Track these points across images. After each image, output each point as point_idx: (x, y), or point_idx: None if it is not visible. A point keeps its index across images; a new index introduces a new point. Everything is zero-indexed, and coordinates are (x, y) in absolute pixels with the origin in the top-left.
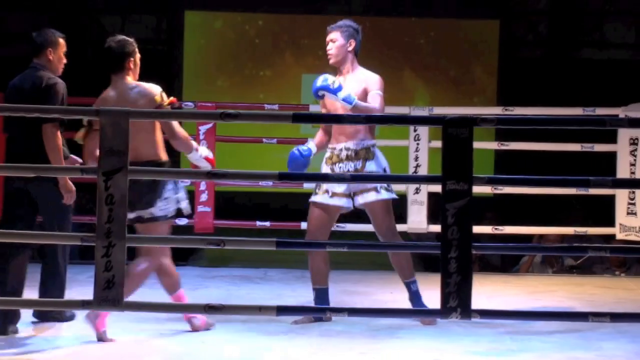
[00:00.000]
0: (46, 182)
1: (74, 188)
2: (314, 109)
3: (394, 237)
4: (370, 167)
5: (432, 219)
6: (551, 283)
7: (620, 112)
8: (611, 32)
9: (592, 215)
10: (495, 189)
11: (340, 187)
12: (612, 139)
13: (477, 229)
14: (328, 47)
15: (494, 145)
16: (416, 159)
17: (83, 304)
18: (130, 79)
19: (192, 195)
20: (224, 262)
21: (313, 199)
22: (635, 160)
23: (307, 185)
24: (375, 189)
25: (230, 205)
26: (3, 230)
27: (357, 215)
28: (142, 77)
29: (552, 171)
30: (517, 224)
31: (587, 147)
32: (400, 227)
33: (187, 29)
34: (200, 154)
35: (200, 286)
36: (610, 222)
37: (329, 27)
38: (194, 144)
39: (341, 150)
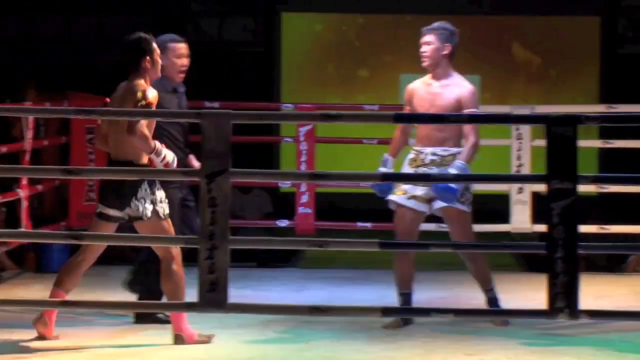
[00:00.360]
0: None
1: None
2: None
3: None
4: (454, 172)
5: (535, 218)
6: None
7: None
8: None
9: None
10: (600, 187)
11: (420, 191)
12: None
13: (582, 229)
14: (422, 50)
15: (597, 144)
16: (518, 158)
17: (188, 306)
18: (141, 77)
19: (292, 197)
20: (325, 264)
21: (393, 198)
22: None
23: None
24: (458, 200)
25: (331, 206)
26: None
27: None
28: (242, 80)
29: None
30: (623, 222)
31: None
32: (503, 227)
33: (285, 30)
34: (162, 157)
35: (303, 288)
36: None
37: (424, 28)
38: (155, 144)
39: (427, 154)
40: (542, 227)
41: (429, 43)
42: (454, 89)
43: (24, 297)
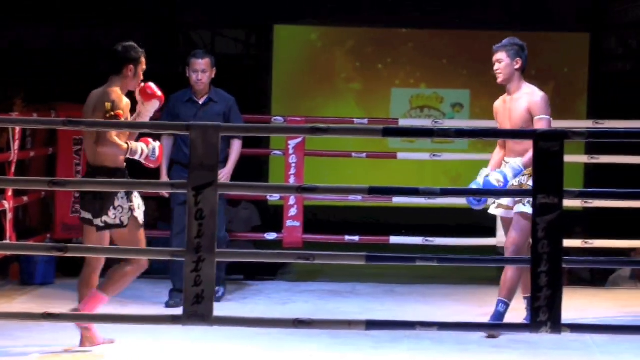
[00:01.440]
0: None
1: None
2: (403, 122)
3: (515, 254)
4: (531, 182)
5: None
6: None
7: None
8: None
9: None
10: (585, 202)
11: (505, 200)
12: None
13: (567, 243)
14: (495, 67)
15: (584, 159)
16: None
17: (173, 319)
18: (117, 84)
19: (281, 210)
20: (312, 277)
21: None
22: None
23: (396, 200)
24: (522, 202)
25: (318, 219)
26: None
27: (445, 229)
28: (233, 92)
29: None
30: (607, 237)
31: None
32: (489, 241)
33: (277, 43)
34: (139, 154)
35: (288, 301)
36: None
37: (495, 46)
38: (128, 145)
39: (509, 164)
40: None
41: (501, 61)
42: (524, 99)
43: (5, 310)
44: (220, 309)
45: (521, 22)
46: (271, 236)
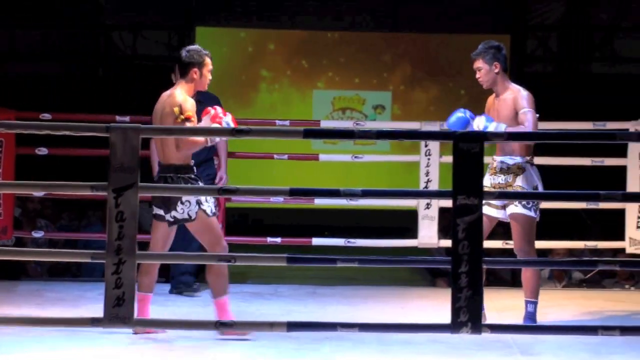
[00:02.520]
0: None
1: None
2: (325, 124)
3: (527, 256)
4: (519, 182)
5: (442, 233)
6: (561, 297)
7: (631, 126)
8: (621, 47)
9: (602, 229)
10: None
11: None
12: (622, 153)
13: (487, 244)
14: (476, 76)
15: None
16: (427, 174)
17: (93, 322)
18: (183, 87)
19: None
20: (235, 279)
21: None
22: None
23: (318, 202)
24: (513, 203)
25: (241, 221)
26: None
27: (368, 231)
28: (156, 94)
29: (562, 185)
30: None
31: (597, 161)
32: (410, 242)
33: (199, 44)
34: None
35: (210, 303)
36: (620, 236)
37: (472, 54)
38: (201, 139)
39: (498, 163)
40: (448, 243)
41: (480, 69)
42: (510, 98)
43: None
44: None
45: (443, 24)
46: None
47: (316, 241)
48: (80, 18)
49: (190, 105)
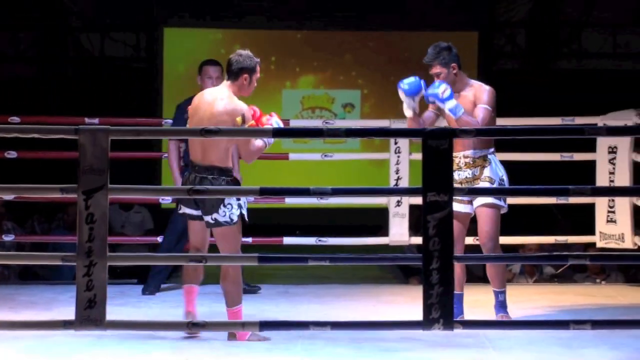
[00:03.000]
0: None
1: None
2: (294, 123)
3: (495, 249)
4: (486, 173)
5: (413, 231)
6: (532, 292)
7: (599, 121)
8: (588, 43)
9: (572, 223)
10: None
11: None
12: (591, 147)
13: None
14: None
15: None
16: (397, 171)
17: (65, 324)
18: (232, 91)
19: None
20: (206, 279)
21: None
22: (614, 168)
23: (289, 201)
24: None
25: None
26: None
27: (340, 229)
28: (124, 96)
29: (532, 181)
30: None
31: (566, 156)
32: (382, 240)
33: (167, 45)
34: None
35: (182, 304)
36: (591, 231)
37: (426, 61)
38: (258, 142)
39: (461, 158)
40: (420, 240)
41: (438, 74)
42: (471, 93)
43: None
44: (113, 313)
45: (411, 22)
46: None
47: (287, 240)
48: (47, 20)
49: (248, 113)
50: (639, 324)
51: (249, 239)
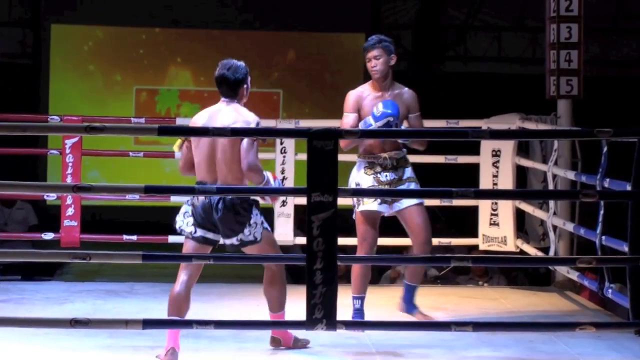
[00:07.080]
0: None
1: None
2: (180, 122)
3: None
4: (408, 173)
5: (298, 231)
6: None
7: (483, 124)
8: (473, 46)
9: (455, 226)
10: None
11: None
12: (475, 150)
13: (343, 241)
14: (372, 64)
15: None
16: (283, 171)
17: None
18: (237, 105)
19: (58, 210)
20: (90, 277)
21: (362, 208)
22: (497, 171)
23: (174, 199)
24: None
25: (97, 219)
26: None
27: None
28: (9, 92)
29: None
30: (382, 235)
31: (450, 158)
32: None
33: (53, 42)
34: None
35: (66, 301)
36: (474, 233)
37: (369, 45)
38: (266, 175)
39: (385, 159)
40: (304, 240)
41: (378, 57)
42: (402, 96)
43: None
44: None
45: (302, 23)
46: (48, 236)
47: (172, 239)
48: None
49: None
50: (520, 326)
51: (134, 237)
